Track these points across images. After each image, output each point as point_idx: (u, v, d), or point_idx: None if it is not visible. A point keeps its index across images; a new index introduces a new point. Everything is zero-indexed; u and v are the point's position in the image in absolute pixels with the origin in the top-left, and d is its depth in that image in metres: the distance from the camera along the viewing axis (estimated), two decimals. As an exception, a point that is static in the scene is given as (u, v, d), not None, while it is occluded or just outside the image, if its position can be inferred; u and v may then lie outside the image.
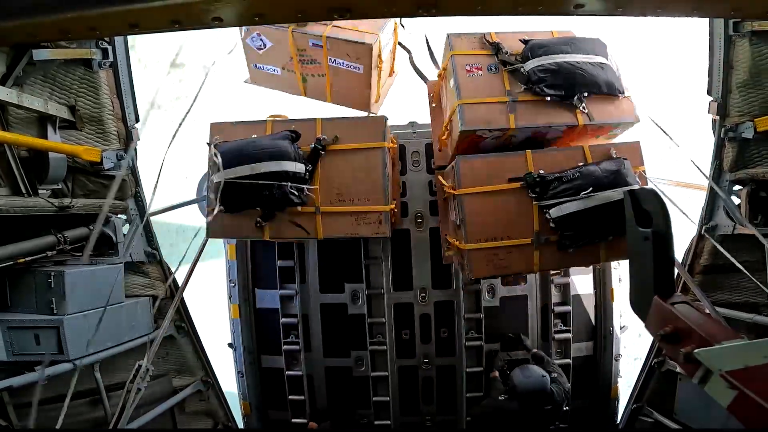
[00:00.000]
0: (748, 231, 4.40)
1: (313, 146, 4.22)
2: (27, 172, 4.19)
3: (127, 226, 5.14)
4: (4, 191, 4.04)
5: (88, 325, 4.35)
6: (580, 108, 4.11)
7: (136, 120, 4.97)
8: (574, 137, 4.41)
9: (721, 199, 4.73)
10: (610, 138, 4.55)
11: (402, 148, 5.46)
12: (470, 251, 4.04)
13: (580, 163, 4.05)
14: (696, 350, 1.84)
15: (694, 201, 4.96)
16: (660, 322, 2.15)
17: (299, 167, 4.07)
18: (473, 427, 5.49)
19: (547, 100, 4.11)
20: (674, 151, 4.60)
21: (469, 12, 1.98)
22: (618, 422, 5.86)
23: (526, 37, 4.28)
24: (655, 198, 2.21)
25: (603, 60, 4.21)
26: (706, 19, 4.50)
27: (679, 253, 5.08)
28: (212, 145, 4.14)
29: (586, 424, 5.76)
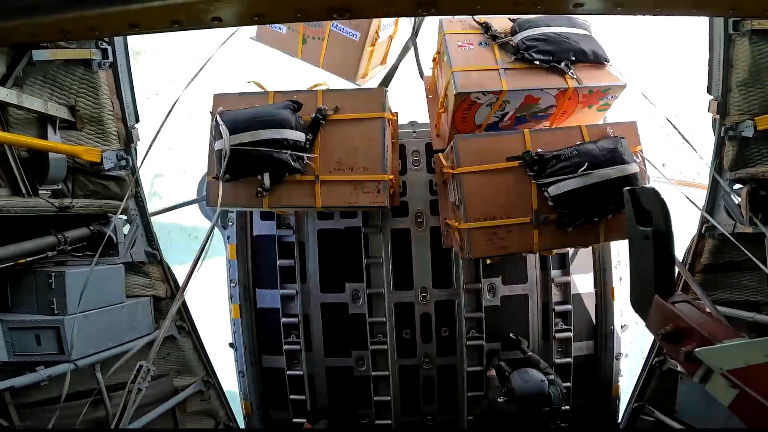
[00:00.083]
0: (749, 230, 4.40)
1: (314, 116, 4.28)
2: (27, 173, 4.20)
3: (128, 227, 5.14)
4: (5, 192, 4.05)
5: (89, 325, 4.36)
6: (569, 73, 4.26)
7: (136, 120, 4.97)
8: (568, 107, 4.50)
9: (721, 198, 4.73)
10: (603, 109, 4.67)
11: (402, 148, 5.46)
12: (470, 230, 4.08)
13: (578, 142, 4.13)
14: (697, 349, 1.83)
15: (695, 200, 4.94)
16: (661, 321, 2.14)
17: (300, 136, 4.12)
18: (474, 426, 5.49)
19: (537, 66, 4.29)
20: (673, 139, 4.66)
21: (468, 11, 1.99)
22: (619, 421, 5.86)
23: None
24: (656, 197, 2.21)
25: (586, 32, 4.43)
26: (706, 18, 4.50)
27: (680, 252, 5.08)
28: (216, 114, 4.19)
29: (586, 424, 5.76)
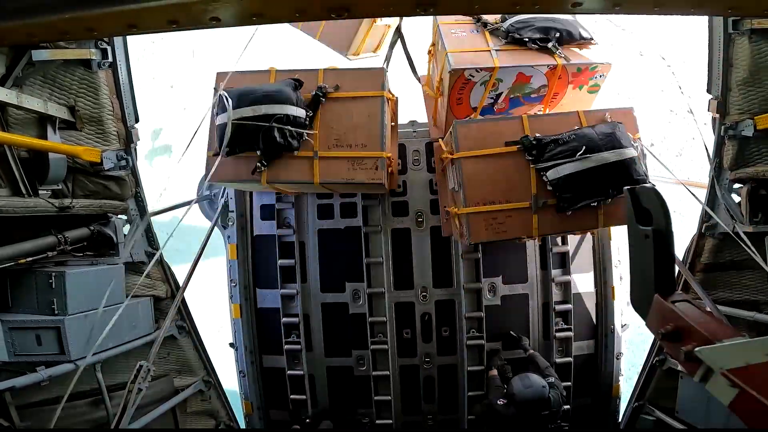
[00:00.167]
0: (749, 229, 4.39)
1: (314, 93, 4.34)
2: (27, 173, 4.20)
3: (128, 227, 5.14)
4: (5, 192, 4.05)
5: (90, 325, 4.35)
6: (557, 52, 4.46)
7: (136, 120, 4.97)
8: (559, 88, 4.69)
9: (721, 197, 4.72)
10: (593, 91, 4.82)
11: (402, 147, 5.48)
12: (469, 215, 4.12)
13: (576, 127, 4.19)
14: (697, 348, 1.83)
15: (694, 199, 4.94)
16: (661, 320, 2.14)
17: (300, 112, 4.19)
18: (475, 426, 5.49)
19: (526, 48, 4.50)
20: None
21: (467, 10, 1.99)
22: (619, 420, 5.85)
23: None
24: (656, 196, 2.20)
25: (570, 17, 4.60)
26: (705, 18, 4.49)
27: (680, 251, 5.08)
28: (218, 91, 4.25)
29: (587, 423, 5.76)
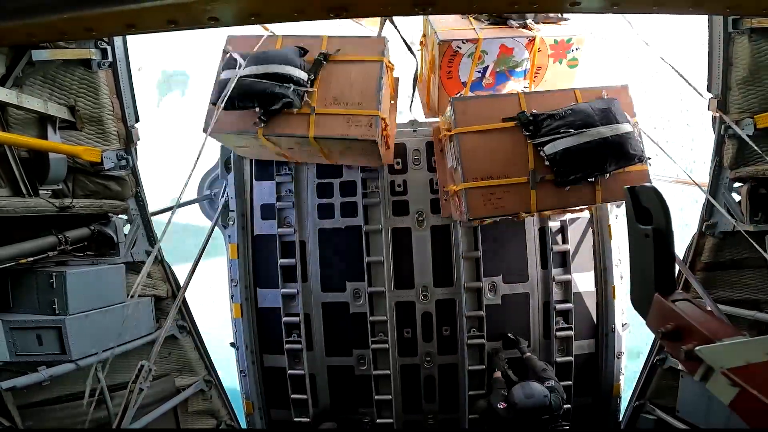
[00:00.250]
0: (749, 228, 4.39)
1: (317, 58, 4.52)
2: (27, 173, 4.21)
3: (128, 227, 5.14)
4: (5, 192, 4.05)
5: (90, 325, 4.36)
6: (535, 28, 4.85)
7: (136, 120, 4.97)
8: (541, 62, 5.06)
9: (721, 196, 4.72)
10: (573, 65, 5.13)
11: (403, 147, 5.49)
12: (467, 190, 4.19)
13: (572, 104, 4.28)
14: (697, 348, 1.82)
15: (695, 198, 4.93)
16: (661, 319, 2.13)
17: (303, 74, 4.39)
18: (475, 425, 5.49)
19: (507, 25, 4.88)
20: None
21: (465, 9, 1.99)
22: (620, 420, 5.85)
23: None
24: (655, 195, 2.20)
25: None
26: (705, 17, 4.49)
27: (680, 250, 5.08)
28: (228, 52, 4.45)
29: (588, 422, 5.76)
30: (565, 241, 5.52)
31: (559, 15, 5.05)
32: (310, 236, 5.60)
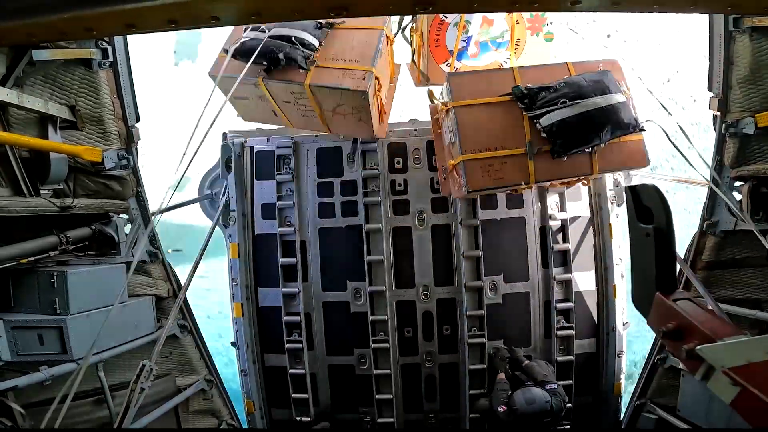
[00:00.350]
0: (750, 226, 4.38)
1: (324, 25, 4.88)
2: (28, 173, 4.21)
3: (129, 226, 5.15)
4: (6, 192, 4.06)
5: (92, 325, 4.36)
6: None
7: (137, 120, 4.97)
8: (520, 34, 5.26)
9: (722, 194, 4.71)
10: (549, 39, 5.31)
11: (403, 146, 5.49)
12: (465, 162, 4.21)
13: (565, 77, 4.32)
14: (698, 347, 1.82)
15: (695, 197, 4.93)
16: (662, 318, 2.13)
17: (314, 40, 4.72)
18: (476, 425, 5.49)
19: None
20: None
21: (465, 9, 1.99)
22: (621, 419, 5.85)
23: None
24: (656, 194, 2.19)
25: None
26: (705, 16, 4.48)
27: (681, 250, 5.07)
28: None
29: (589, 422, 5.76)
30: (565, 240, 5.52)
31: None
32: (311, 235, 5.60)
